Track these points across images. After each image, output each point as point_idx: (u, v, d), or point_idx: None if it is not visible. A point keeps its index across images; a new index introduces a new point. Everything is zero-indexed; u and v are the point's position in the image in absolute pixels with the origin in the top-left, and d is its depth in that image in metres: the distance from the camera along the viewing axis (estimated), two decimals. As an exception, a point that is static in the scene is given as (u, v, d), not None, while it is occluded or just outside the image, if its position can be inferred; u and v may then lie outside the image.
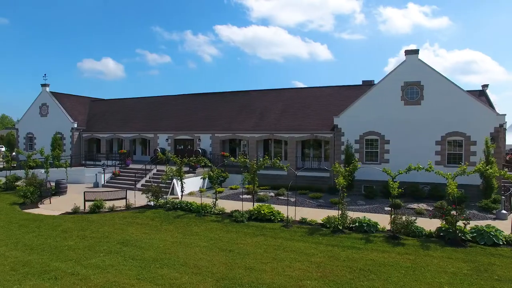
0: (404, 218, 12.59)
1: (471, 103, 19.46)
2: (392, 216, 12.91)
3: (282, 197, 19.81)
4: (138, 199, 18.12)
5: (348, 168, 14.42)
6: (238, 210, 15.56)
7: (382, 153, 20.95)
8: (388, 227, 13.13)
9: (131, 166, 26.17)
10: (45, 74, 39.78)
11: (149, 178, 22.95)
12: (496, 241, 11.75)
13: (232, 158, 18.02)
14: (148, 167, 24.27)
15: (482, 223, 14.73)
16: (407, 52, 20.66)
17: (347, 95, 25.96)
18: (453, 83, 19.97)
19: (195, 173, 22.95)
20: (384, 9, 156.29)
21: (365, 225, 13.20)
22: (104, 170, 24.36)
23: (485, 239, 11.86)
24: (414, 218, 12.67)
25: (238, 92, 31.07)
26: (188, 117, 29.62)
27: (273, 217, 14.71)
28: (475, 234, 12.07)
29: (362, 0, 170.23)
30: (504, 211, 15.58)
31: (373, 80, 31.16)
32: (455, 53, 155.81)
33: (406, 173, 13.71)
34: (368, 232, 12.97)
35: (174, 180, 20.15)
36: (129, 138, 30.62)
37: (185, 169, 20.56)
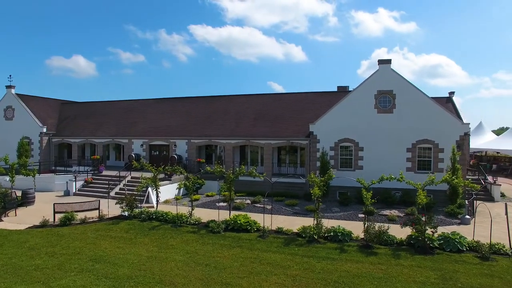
0: (377, 227, 12.97)
1: (439, 112, 20.30)
2: (366, 225, 13.26)
3: (259, 205, 19.90)
4: (112, 208, 17.64)
5: (323, 178, 14.69)
6: (214, 220, 15.49)
7: (356, 160, 21.48)
8: (362, 235, 13.48)
9: (104, 172, 25.46)
10: (10, 75, 37.99)
11: (123, 186, 22.41)
12: (460, 247, 12.34)
13: (208, 168, 17.95)
14: (122, 173, 23.69)
15: (448, 228, 15.46)
16: (380, 62, 21.29)
17: (322, 101, 26.43)
18: (422, 92, 20.77)
19: (170, 180, 22.64)
20: (356, 13, 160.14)
21: (339, 234, 13.48)
22: (75, 178, 23.55)
23: (451, 246, 12.43)
24: (386, 227, 13.07)
25: (215, 97, 30.92)
26: (164, 122, 29.17)
27: (249, 227, 14.75)
28: (442, 242, 12.63)
29: (334, 3, 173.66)
30: (467, 216, 16.37)
31: (348, 86, 31.94)
32: (423, 57, 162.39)
33: (379, 183, 14.11)
34: (342, 242, 13.27)
35: (149, 189, 19.78)
36: (102, 143, 29.78)
37: (160, 176, 20.25)
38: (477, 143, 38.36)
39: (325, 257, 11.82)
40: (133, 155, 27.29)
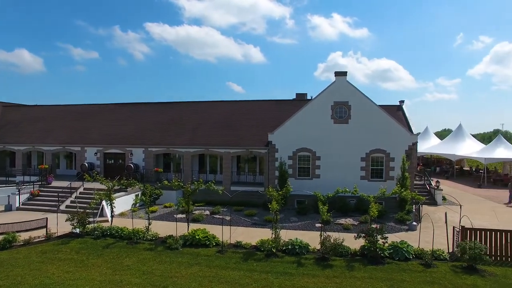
0: (332, 240, 13.42)
1: (390, 123, 21.46)
2: (322, 237, 13.68)
3: (218, 216, 19.80)
4: (62, 225, 16.59)
5: (281, 192, 14.95)
6: (172, 235, 15.17)
7: (314, 169, 22.10)
8: (318, 246, 13.89)
9: (53, 183, 23.89)
10: None
11: (75, 198, 21.22)
12: (407, 256, 13.18)
13: (166, 182, 17.46)
14: (74, 184, 22.40)
15: (398, 235, 16.43)
16: (337, 74, 22.06)
17: (282, 109, 26.85)
18: (376, 104, 21.83)
19: (126, 191, 21.79)
20: (312, 16, 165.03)
21: (297, 247, 13.79)
22: (19, 190, 21.82)
23: (399, 255, 13.23)
24: (341, 240, 13.57)
25: (173, 103, 30.27)
26: (120, 129, 28.02)
27: (208, 242, 14.64)
28: (391, 251, 13.39)
29: (291, 6, 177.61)
30: (414, 223, 17.51)
31: (306, 94, 32.79)
32: (375, 62, 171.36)
33: (334, 196, 14.63)
34: (300, 254, 13.59)
35: (104, 202, 18.87)
36: (51, 151, 27.91)
37: (116, 187, 19.40)
38: (423, 147, 41.12)
39: (282, 272, 12.02)
40: (86, 164, 25.93)
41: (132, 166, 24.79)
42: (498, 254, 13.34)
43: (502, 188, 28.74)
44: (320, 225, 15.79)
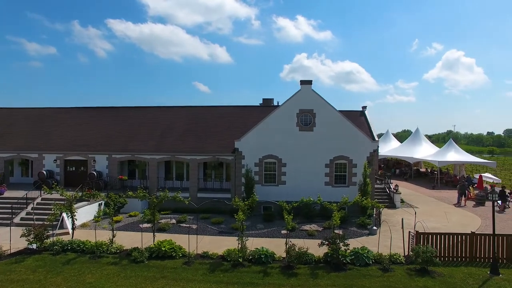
0: (297, 248, 13.82)
1: (353, 130, 22.36)
2: (287, 246, 14.05)
3: (184, 224, 19.69)
4: (16, 240, 15.67)
5: (247, 202, 15.18)
6: (137, 247, 14.91)
7: (280, 175, 22.56)
8: (284, 254, 14.26)
9: (6, 194, 22.49)
10: None
11: (32, 210, 20.15)
12: (367, 261, 13.88)
13: (130, 193, 17.09)
14: (30, 194, 21.23)
15: (359, 240, 17.23)
16: (302, 82, 22.64)
17: (249, 115, 27.15)
18: (339, 112, 22.65)
19: (89, 200, 21.03)
20: (277, 18, 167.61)
21: (263, 256, 14.08)
22: (-31, 201, 20.41)
23: (360, 260, 13.90)
24: (306, 249, 14.01)
25: (139, 108, 29.62)
26: (82, 135, 26.95)
27: (174, 254, 14.56)
28: (353, 257, 14.03)
29: (257, 8, 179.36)
30: (375, 227, 18.43)
31: (273, 99, 33.34)
32: (339, 64, 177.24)
33: (299, 205, 15.08)
34: (266, 263, 13.88)
35: (64, 214, 18.09)
36: (4, 158, 26.26)
37: (78, 194, 18.71)
38: (384, 149, 43.20)
39: (249, 283, 12.25)
40: (45, 172, 24.71)
41: (95, 173, 23.96)
42: (446, 255, 14.52)
43: (453, 188, 30.81)
44: (285, 232, 16.20)
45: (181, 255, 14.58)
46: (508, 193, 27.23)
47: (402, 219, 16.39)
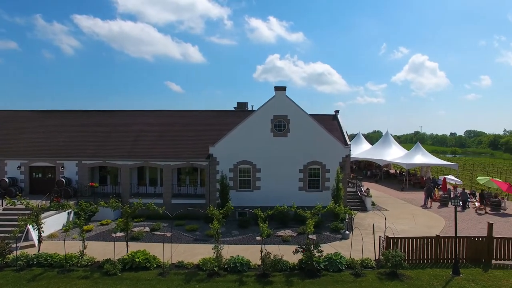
0: (272, 256, 13.99)
1: (326, 136, 22.87)
2: (262, 253, 14.21)
3: (159, 232, 19.41)
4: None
5: (222, 210, 15.19)
6: (110, 259, 14.55)
7: (254, 181, 22.71)
8: (260, 262, 14.40)
9: (-34, 203, 21.22)
10: None
11: (-6, 220, 19.12)
12: (340, 267, 14.28)
13: (102, 203, 16.60)
14: (-8, 204, 20.17)
15: (332, 245, 17.70)
16: (277, 89, 22.89)
17: (223, 120, 27.11)
18: (313, 118, 23.09)
19: (57, 209, 20.23)
20: (249, 19, 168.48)
21: (238, 264, 14.16)
22: None
23: (333, 266, 14.28)
24: (280, 256, 14.21)
25: (111, 112, 28.78)
26: (49, 139, 25.83)
27: (148, 264, 14.33)
28: (327, 263, 14.39)
29: (229, 8, 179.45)
30: (347, 232, 18.98)
31: (247, 103, 33.48)
32: (311, 65, 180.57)
33: (274, 213, 15.28)
34: (242, 272, 13.96)
35: (29, 226, 17.29)
36: (-38, 164, 24.74)
37: (44, 201, 17.95)
38: (356, 152, 44.45)
39: (225, 293, 12.29)
40: (7, 180, 23.49)
41: (63, 180, 23.05)
42: (414, 258, 15.22)
43: (420, 190, 32.22)
44: (260, 238, 16.34)
45: (155, 266, 14.39)
46: (469, 194, 28.89)
47: (373, 224, 16.99)
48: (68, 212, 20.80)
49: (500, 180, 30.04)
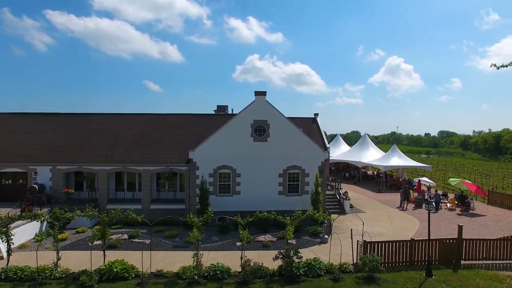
0: (252, 263, 14.05)
1: (305, 141, 23.15)
2: (243, 260, 14.23)
3: (137, 240, 19.09)
4: None
5: (201, 218, 15.10)
6: (86, 270, 14.17)
7: (234, 186, 22.71)
8: (240, 268, 14.41)
9: None
10: None
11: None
12: (319, 272, 14.49)
13: (78, 212, 16.12)
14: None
15: (311, 249, 17.94)
16: (257, 93, 22.97)
17: (203, 123, 26.95)
18: (292, 123, 23.32)
19: (29, 219, 19.47)
20: (229, 19, 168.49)
21: (219, 272, 14.12)
22: None
23: (313, 272, 14.47)
24: (260, 263, 14.28)
25: (87, 115, 28.00)
26: (20, 144, 24.85)
27: (127, 274, 14.06)
28: (306, 269, 14.57)
29: (208, 7, 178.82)
30: (326, 236, 19.29)
31: (227, 106, 33.43)
32: (290, 66, 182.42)
33: (254, 219, 15.33)
34: (222, 279, 13.93)
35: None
36: None
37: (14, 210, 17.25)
38: (335, 154, 45.20)
39: (205, 302, 12.23)
40: (-25, 187, 22.46)
41: (36, 187, 22.23)
42: (390, 261, 15.65)
43: (396, 191, 33.14)
44: (240, 244, 16.34)
45: (134, 276, 14.14)
46: (441, 195, 30.00)
47: (351, 229, 17.38)
48: (41, 220, 20.06)
49: (470, 182, 31.33)
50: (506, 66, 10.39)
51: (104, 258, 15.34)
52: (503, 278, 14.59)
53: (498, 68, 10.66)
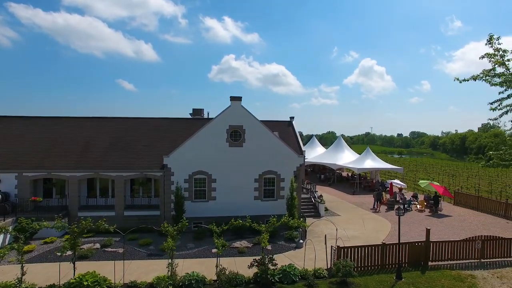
0: (228, 271, 14.05)
1: (280, 146, 23.34)
2: (218, 269, 14.19)
3: (110, 249, 18.60)
4: None
5: (176, 227, 14.94)
6: (54, 284, 13.70)
7: (210, 191, 22.59)
8: (215, 276, 14.36)
9: None
10: None
11: None
12: (294, 279, 14.68)
13: (46, 223, 15.51)
14: None
15: (287, 254, 18.13)
16: (232, 99, 22.92)
17: (178, 127, 26.63)
18: (267, 128, 23.45)
19: (-7, 228, 18.56)
20: (204, 18, 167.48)
21: (194, 282, 13.99)
22: None
23: (288, 278, 14.64)
24: (236, 272, 14.28)
25: (56, 119, 26.89)
26: (-18, 150, 23.62)
27: (98, 287, 13.68)
28: (281, 275, 14.71)
29: (183, 6, 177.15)
30: (301, 241, 19.55)
31: (203, 109, 33.20)
32: (266, 67, 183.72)
33: (229, 228, 15.33)
34: (197, 290, 13.84)
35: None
36: None
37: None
38: (310, 156, 45.79)
39: (179, 314, 12.10)
40: None
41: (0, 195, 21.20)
42: (363, 265, 16.09)
43: (370, 193, 34.03)
44: (216, 250, 16.25)
45: (106, 288, 13.77)
46: (411, 196, 31.12)
47: (325, 235, 17.70)
48: (3, 232, 19.11)
49: (438, 184, 32.66)
50: (467, 80, 11.23)
51: (74, 270, 14.80)
52: (465, 277, 15.41)
53: (460, 82, 11.39)
